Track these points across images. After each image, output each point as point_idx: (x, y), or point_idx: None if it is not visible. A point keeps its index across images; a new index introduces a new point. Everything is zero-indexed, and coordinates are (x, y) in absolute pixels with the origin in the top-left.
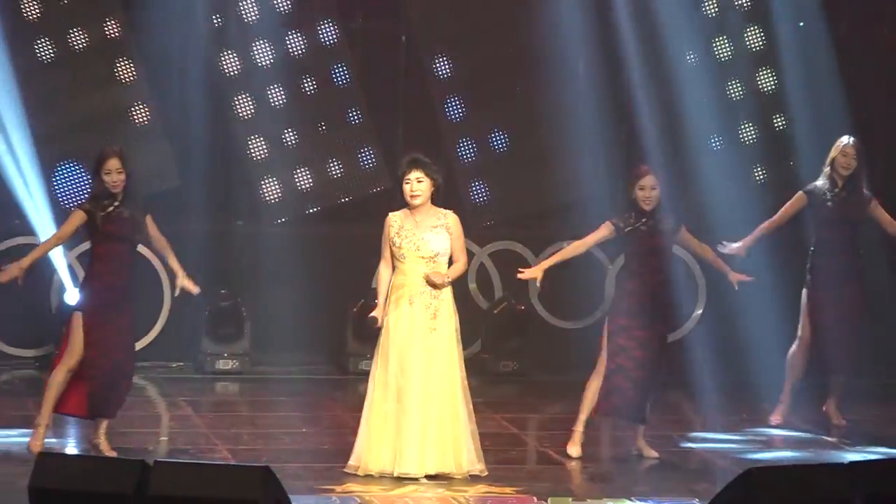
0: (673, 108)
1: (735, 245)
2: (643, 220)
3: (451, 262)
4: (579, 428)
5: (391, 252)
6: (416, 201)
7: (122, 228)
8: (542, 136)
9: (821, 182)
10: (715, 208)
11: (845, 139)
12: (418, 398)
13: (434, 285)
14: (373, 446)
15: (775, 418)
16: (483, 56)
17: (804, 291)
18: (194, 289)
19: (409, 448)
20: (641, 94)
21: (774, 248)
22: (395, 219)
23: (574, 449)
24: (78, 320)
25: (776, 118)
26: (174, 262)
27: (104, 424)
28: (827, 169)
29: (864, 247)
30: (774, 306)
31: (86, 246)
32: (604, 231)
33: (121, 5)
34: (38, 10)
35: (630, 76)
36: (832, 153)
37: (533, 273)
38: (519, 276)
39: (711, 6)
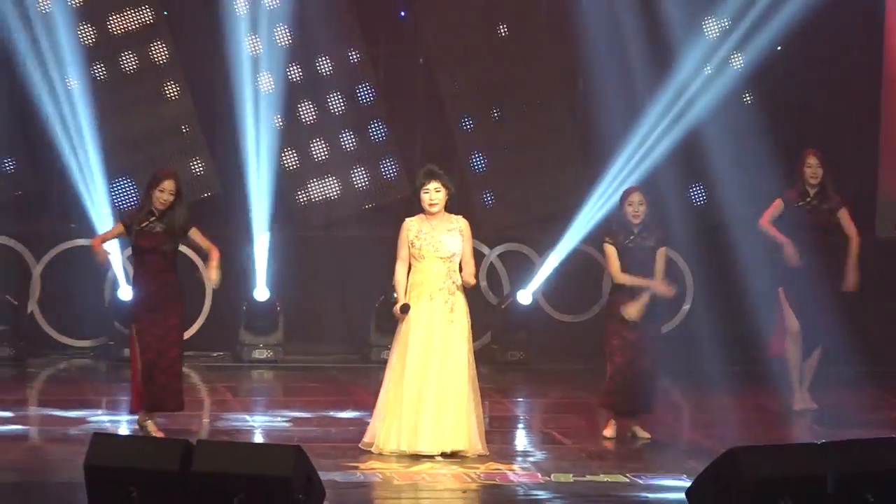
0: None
1: (790, 252)
2: (631, 237)
3: (460, 265)
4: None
5: (410, 253)
6: (434, 209)
7: (150, 242)
8: (545, 148)
9: (793, 191)
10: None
11: (810, 151)
12: (436, 383)
13: (468, 285)
14: (387, 426)
15: (797, 405)
16: (493, 76)
17: (780, 289)
18: (214, 280)
19: (425, 428)
20: (641, 108)
21: (761, 248)
22: (412, 224)
23: (608, 431)
24: (133, 330)
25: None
26: (212, 262)
27: None
28: (797, 180)
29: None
30: (758, 301)
31: None
32: (614, 252)
33: (167, 31)
34: (93, 35)
35: (630, 91)
36: (799, 165)
37: (635, 314)
38: (627, 316)
39: (710, 27)
